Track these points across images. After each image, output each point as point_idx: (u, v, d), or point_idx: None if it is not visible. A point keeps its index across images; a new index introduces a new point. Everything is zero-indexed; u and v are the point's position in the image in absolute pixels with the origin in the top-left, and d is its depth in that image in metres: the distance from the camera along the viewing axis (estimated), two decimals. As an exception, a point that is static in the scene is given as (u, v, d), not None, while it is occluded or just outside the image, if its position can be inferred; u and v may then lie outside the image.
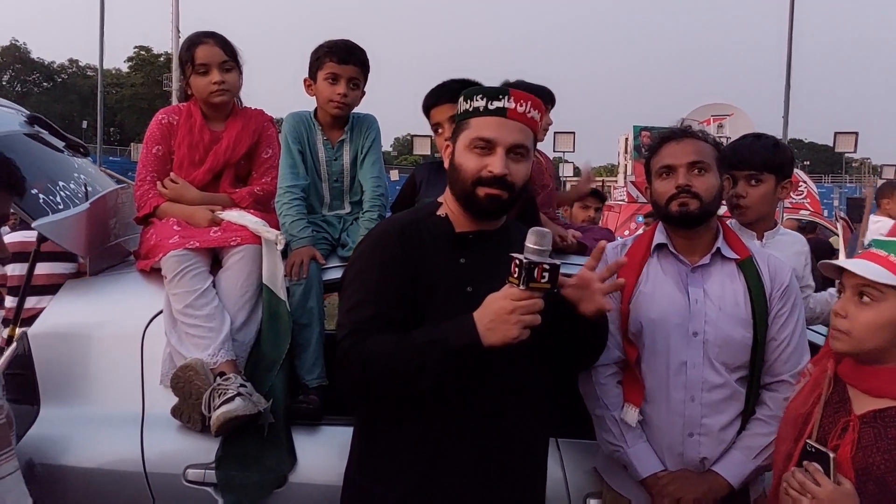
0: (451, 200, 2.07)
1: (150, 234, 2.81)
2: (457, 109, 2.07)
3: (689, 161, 2.33)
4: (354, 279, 2.00)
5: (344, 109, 2.95)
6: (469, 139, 1.99)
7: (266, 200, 2.98)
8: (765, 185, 2.80)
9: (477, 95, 2.00)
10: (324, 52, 2.92)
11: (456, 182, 2.02)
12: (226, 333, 2.57)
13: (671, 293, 2.36)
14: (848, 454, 1.85)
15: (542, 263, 1.80)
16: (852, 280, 1.90)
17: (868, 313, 1.86)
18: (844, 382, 1.96)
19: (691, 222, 2.35)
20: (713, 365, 2.30)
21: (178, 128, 2.95)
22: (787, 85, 18.98)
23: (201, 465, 2.49)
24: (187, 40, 3.00)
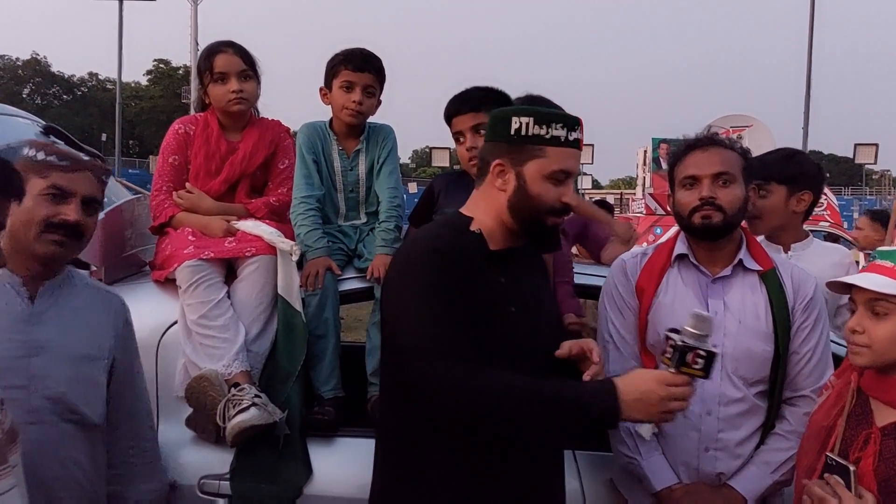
0: (491, 218, 1.99)
1: (165, 245, 2.80)
2: (517, 126, 1.93)
3: (714, 172, 2.28)
4: (417, 299, 1.85)
5: (359, 117, 2.93)
6: (550, 170, 1.93)
7: (282, 211, 2.97)
8: (773, 197, 2.77)
9: (556, 124, 1.93)
10: (339, 60, 2.91)
11: (524, 209, 1.95)
12: (240, 344, 2.56)
13: (691, 305, 2.30)
14: (870, 466, 1.82)
15: (698, 349, 1.78)
16: (863, 295, 1.88)
17: (885, 326, 1.84)
18: (867, 395, 1.94)
19: (714, 235, 2.31)
20: (731, 379, 2.26)
21: (194, 138, 2.95)
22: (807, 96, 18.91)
23: (216, 476, 2.48)
24: (206, 49, 3.01)
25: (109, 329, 2.16)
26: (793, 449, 2.19)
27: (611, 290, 2.47)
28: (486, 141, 2.04)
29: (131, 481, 2.21)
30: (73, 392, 2.01)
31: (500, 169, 1.96)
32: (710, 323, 1.81)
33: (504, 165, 1.96)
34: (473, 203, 2.04)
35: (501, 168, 1.96)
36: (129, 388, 2.21)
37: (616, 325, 2.43)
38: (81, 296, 2.12)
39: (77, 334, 2.06)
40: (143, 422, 2.27)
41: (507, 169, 1.95)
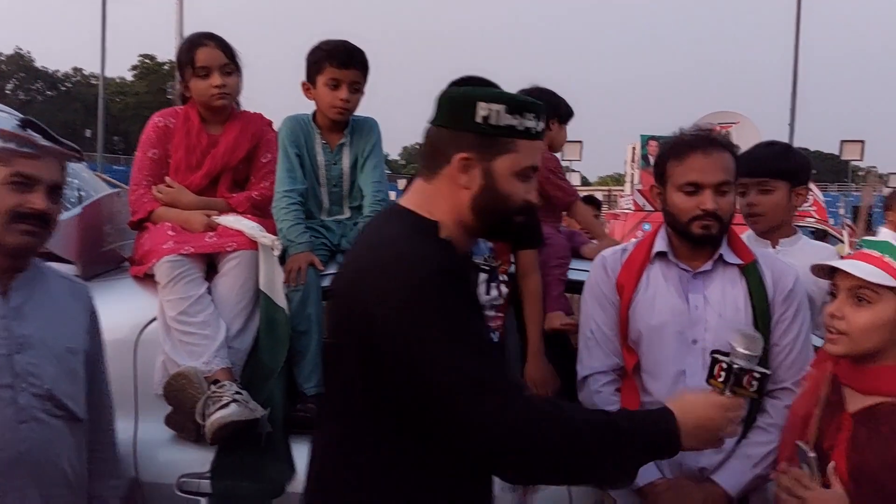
0: (451, 220, 1.72)
1: (144, 240, 2.76)
2: (485, 114, 1.66)
3: (717, 181, 2.24)
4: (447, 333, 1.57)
5: (346, 115, 2.89)
6: (522, 167, 1.70)
7: (264, 206, 2.92)
8: (777, 193, 2.75)
9: (529, 113, 1.69)
10: (323, 56, 2.84)
11: (491, 210, 1.71)
12: (221, 341, 2.52)
13: (671, 300, 2.32)
14: (843, 453, 1.86)
15: (753, 371, 1.72)
16: (847, 282, 1.90)
17: (865, 315, 1.86)
18: (840, 383, 1.97)
19: (711, 243, 2.31)
20: None
21: (174, 131, 2.90)
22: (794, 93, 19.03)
23: (196, 474, 2.45)
24: (187, 42, 2.95)
25: (82, 320, 2.12)
26: (773, 442, 2.20)
27: (592, 286, 2.47)
28: (440, 126, 1.73)
29: (97, 477, 2.17)
30: (59, 387, 1.98)
31: (465, 164, 1.68)
32: (760, 343, 1.76)
33: (470, 160, 1.67)
34: (427, 201, 1.73)
35: (467, 163, 1.68)
36: (97, 382, 2.17)
37: (597, 321, 2.43)
38: (54, 287, 2.09)
39: (58, 327, 2.03)
40: (108, 416, 2.24)
41: (474, 164, 1.68)
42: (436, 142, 1.73)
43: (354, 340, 1.63)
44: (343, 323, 1.69)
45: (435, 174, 1.72)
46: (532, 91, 3.14)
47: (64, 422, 1.99)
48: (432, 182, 1.73)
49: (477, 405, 1.54)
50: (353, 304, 1.65)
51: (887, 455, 1.81)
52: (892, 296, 1.86)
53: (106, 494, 2.19)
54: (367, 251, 1.70)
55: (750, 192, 2.73)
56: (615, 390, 2.37)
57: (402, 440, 1.64)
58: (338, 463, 1.70)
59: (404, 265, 1.60)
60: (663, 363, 2.29)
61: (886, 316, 1.85)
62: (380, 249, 1.66)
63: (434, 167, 1.73)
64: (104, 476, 2.19)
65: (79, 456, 2.05)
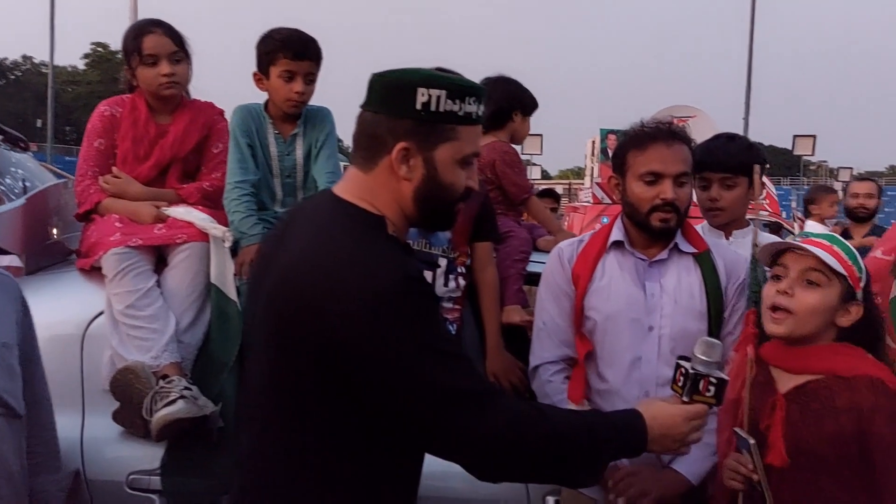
0: (392, 211, 1.66)
1: (90, 232, 2.69)
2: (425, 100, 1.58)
3: (678, 172, 2.28)
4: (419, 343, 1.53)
5: (301, 108, 2.85)
6: (463, 154, 1.64)
7: (216, 197, 2.86)
8: (739, 188, 2.77)
9: (470, 97, 1.61)
10: (276, 47, 2.76)
11: (433, 200, 1.66)
12: (170, 335, 2.47)
13: (627, 288, 2.34)
14: (780, 432, 1.94)
15: (709, 376, 1.74)
16: (800, 264, 1.99)
17: (814, 296, 1.97)
18: (767, 364, 2.07)
19: (669, 236, 2.34)
20: (669, 360, 2.26)
21: (121, 120, 2.83)
22: (748, 88, 19.32)
23: (145, 471, 2.40)
24: (133, 29, 2.86)
25: (12, 314, 2.03)
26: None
27: (547, 277, 2.50)
28: (375, 112, 1.63)
29: (39, 472, 2.11)
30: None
31: (405, 154, 1.60)
32: (719, 349, 1.78)
33: (410, 149, 1.60)
34: (368, 193, 1.65)
35: (406, 152, 1.60)
36: (32, 376, 2.10)
37: (550, 313, 2.45)
38: None
39: None
40: (46, 411, 2.17)
41: (414, 153, 1.60)
42: (372, 129, 1.63)
43: (307, 347, 1.54)
44: (288, 324, 1.57)
45: (373, 164, 1.64)
46: (496, 81, 3.12)
47: (4, 419, 1.93)
48: (371, 173, 1.65)
49: (453, 417, 1.53)
50: (303, 308, 1.53)
51: (822, 429, 1.90)
52: (838, 283, 1.97)
53: (49, 489, 2.14)
54: (314, 250, 1.59)
55: (713, 186, 2.75)
56: (564, 378, 2.40)
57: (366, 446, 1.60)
58: (290, 468, 1.62)
59: (363, 273, 1.52)
60: (619, 350, 2.31)
61: (831, 301, 1.96)
62: (330, 250, 1.57)
63: (372, 157, 1.64)
64: (45, 471, 2.14)
65: (19, 452, 1.99)
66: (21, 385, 2.01)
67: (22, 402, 2.00)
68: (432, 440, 1.59)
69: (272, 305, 1.61)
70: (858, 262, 2.00)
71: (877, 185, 6.10)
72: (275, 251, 1.68)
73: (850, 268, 1.96)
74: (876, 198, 5.92)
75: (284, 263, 1.62)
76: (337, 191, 1.69)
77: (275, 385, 1.64)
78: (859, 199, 5.87)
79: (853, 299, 1.99)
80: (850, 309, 1.99)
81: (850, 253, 1.99)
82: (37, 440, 2.11)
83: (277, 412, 1.64)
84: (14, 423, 1.97)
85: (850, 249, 2.00)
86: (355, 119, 1.69)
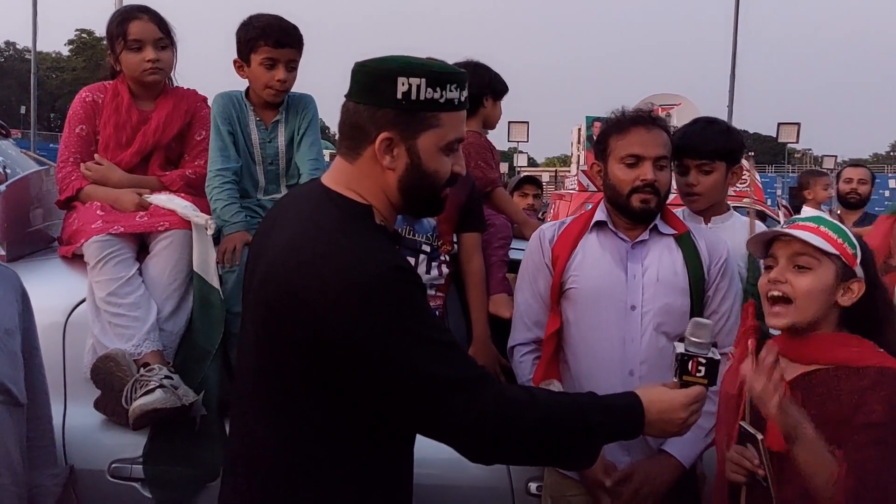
0: (379, 201, 1.67)
1: (72, 219, 2.67)
2: (405, 89, 1.58)
3: (657, 155, 2.33)
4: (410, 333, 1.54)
5: (282, 96, 2.84)
6: (447, 141, 1.64)
7: (199, 184, 2.85)
8: (717, 174, 2.76)
9: (451, 84, 1.61)
10: (257, 34, 2.75)
11: (419, 189, 1.66)
12: (152, 323, 2.46)
13: (609, 268, 2.37)
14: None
15: (698, 357, 1.75)
16: (787, 250, 1.97)
17: (807, 279, 1.94)
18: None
19: (649, 218, 2.37)
20: (655, 336, 2.32)
21: (103, 107, 2.80)
22: (732, 76, 19.36)
23: (128, 459, 2.40)
24: (119, 14, 2.84)
25: (14, 303, 2.04)
26: None
27: (527, 259, 2.55)
28: (357, 102, 1.63)
29: (37, 466, 2.11)
30: (1, 370, 1.91)
31: (387, 143, 1.60)
32: (709, 329, 1.79)
33: (393, 139, 1.60)
34: (354, 182, 1.66)
35: (389, 142, 1.61)
36: (31, 367, 2.10)
37: (525, 294, 2.51)
38: None
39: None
40: (44, 402, 2.17)
41: (397, 143, 1.61)
42: (355, 119, 1.63)
43: (296, 338, 1.55)
44: (277, 315, 1.58)
45: (358, 154, 1.65)
46: (465, 66, 3.11)
47: (6, 407, 1.92)
48: (356, 162, 1.65)
49: (445, 404, 1.54)
50: (291, 300, 1.55)
51: (822, 413, 1.86)
52: (830, 263, 1.93)
53: (46, 483, 2.14)
54: (302, 241, 1.59)
55: (691, 171, 2.76)
56: (534, 360, 2.46)
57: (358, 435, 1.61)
58: (281, 458, 1.63)
59: (351, 264, 1.52)
60: (603, 329, 2.33)
61: (826, 281, 1.93)
62: (318, 241, 1.57)
63: (356, 147, 1.65)
64: (43, 465, 2.14)
65: (20, 442, 1.99)
66: (23, 373, 2.00)
67: (24, 390, 1.99)
68: (424, 426, 1.62)
69: (261, 297, 1.62)
70: (849, 237, 1.95)
71: (870, 172, 6.00)
72: (265, 242, 1.69)
73: (840, 245, 1.93)
74: (869, 184, 5.83)
75: (273, 255, 1.62)
76: (325, 180, 1.70)
77: (265, 376, 1.64)
78: (853, 184, 5.78)
79: (853, 276, 1.95)
80: (850, 287, 1.95)
81: (838, 231, 1.95)
82: (35, 432, 2.11)
83: (268, 402, 1.65)
84: (15, 412, 1.97)
85: (838, 227, 1.96)
86: (340, 108, 1.69)
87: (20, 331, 2.03)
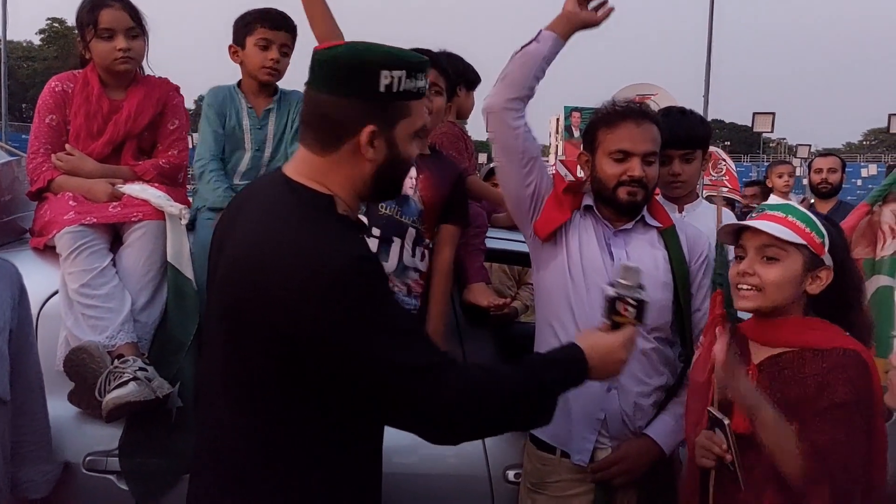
0: (347, 191, 1.66)
1: (44, 210, 2.64)
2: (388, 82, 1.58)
3: (647, 151, 2.33)
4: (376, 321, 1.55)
5: (275, 76, 2.91)
6: (416, 128, 1.67)
7: (172, 174, 2.83)
8: (696, 161, 2.86)
9: (421, 73, 1.63)
10: (254, 18, 2.88)
11: (391, 176, 1.69)
12: (126, 314, 2.44)
13: (594, 252, 2.38)
14: None
15: (627, 298, 1.86)
16: (755, 241, 2.00)
17: (775, 270, 1.97)
18: (745, 337, 2.09)
19: (636, 211, 2.38)
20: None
21: (73, 96, 2.76)
22: (708, 65, 19.47)
23: (102, 452, 2.38)
24: (90, 2, 2.77)
25: (8, 299, 2.01)
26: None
27: None
28: (332, 94, 1.61)
29: (25, 462, 2.10)
30: None
31: (372, 136, 1.61)
32: (637, 272, 1.90)
33: (376, 131, 1.60)
34: (320, 174, 1.65)
35: (373, 135, 1.61)
36: (23, 363, 2.07)
37: None
38: None
39: None
40: (38, 398, 2.14)
41: (378, 134, 1.61)
42: (333, 112, 1.61)
43: (260, 329, 1.55)
44: (241, 308, 1.58)
45: (334, 148, 1.63)
46: (439, 56, 3.12)
47: None
48: (329, 155, 1.63)
49: (410, 392, 1.56)
50: (253, 292, 1.55)
51: (789, 394, 1.92)
52: (798, 253, 1.96)
53: (35, 479, 2.13)
54: (264, 232, 1.59)
55: (674, 161, 2.81)
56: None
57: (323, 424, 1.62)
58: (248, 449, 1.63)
59: (313, 255, 1.53)
60: (587, 309, 2.33)
61: (794, 271, 1.97)
62: (280, 233, 1.57)
63: (333, 140, 1.62)
64: (34, 461, 2.12)
65: (3, 441, 1.97)
66: (8, 370, 1.97)
67: (7, 387, 1.96)
68: (389, 413, 1.63)
69: (224, 288, 1.62)
70: (817, 227, 1.98)
71: (840, 160, 6.03)
72: (227, 234, 1.69)
73: (808, 235, 1.96)
74: (839, 172, 5.85)
75: (235, 246, 1.63)
76: (287, 171, 1.69)
77: (229, 367, 1.64)
78: (822, 174, 5.81)
79: (821, 265, 1.98)
80: (819, 275, 1.99)
81: (806, 220, 1.98)
82: (27, 429, 2.10)
83: (233, 394, 1.64)
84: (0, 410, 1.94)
85: (806, 216, 1.99)
86: (303, 98, 1.68)
87: (13, 326, 2.00)
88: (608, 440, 2.33)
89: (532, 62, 2.32)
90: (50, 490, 2.17)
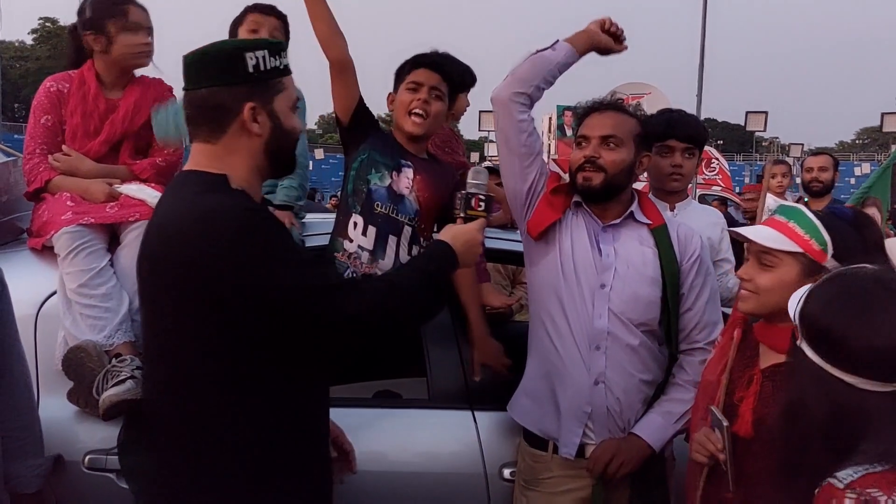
0: (247, 170, 1.85)
1: (42, 211, 2.65)
2: (254, 62, 1.80)
3: (602, 134, 2.38)
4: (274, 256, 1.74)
5: None
6: (292, 100, 1.90)
7: (169, 172, 2.84)
8: (695, 158, 2.98)
9: (282, 52, 1.87)
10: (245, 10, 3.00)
11: (282, 148, 1.89)
12: (124, 314, 2.45)
13: (584, 246, 2.41)
14: (750, 405, 1.98)
15: (479, 195, 2.15)
16: (753, 246, 2.01)
17: (768, 277, 1.99)
18: (757, 341, 2.08)
19: (594, 197, 2.41)
20: (619, 319, 2.36)
21: (69, 96, 2.77)
22: (701, 65, 19.47)
23: (102, 450, 2.39)
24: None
25: None
26: (692, 400, 2.29)
27: None
28: (211, 87, 1.80)
29: (17, 458, 2.11)
30: None
31: (253, 112, 1.81)
32: (485, 174, 2.22)
33: (256, 107, 1.81)
34: (214, 160, 1.83)
35: (254, 110, 1.81)
36: (6, 360, 2.08)
37: None
38: None
39: None
40: (23, 393, 2.16)
41: (259, 110, 1.82)
42: (214, 102, 1.81)
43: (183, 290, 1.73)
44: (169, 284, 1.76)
45: (222, 132, 1.82)
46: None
47: None
48: (219, 142, 1.83)
49: (325, 307, 1.76)
50: (178, 264, 1.73)
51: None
52: (794, 260, 1.95)
53: (25, 474, 2.13)
54: (171, 212, 1.79)
55: (676, 153, 2.92)
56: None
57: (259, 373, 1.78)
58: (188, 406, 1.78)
59: (217, 215, 1.72)
60: (578, 304, 2.37)
61: (789, 278, 1.94)
62: (185, 210, 1.76)
63: (219, 127, 1.82)
64: (23, 456, 2.13)
65: None
66: None
67: None
68: (313, 334, 1.80)
69: (145, 263, 1.84)
70: (819, 233, 1.94)
71: (832, 158, 5.98)
72: (149, 228, 1.90)
73: (806, 242, 1.93)
74: (831, 171, 5.79)
75: (151, 230, 1.87)
76: (188, 166, 1.89)
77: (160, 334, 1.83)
78: (814, 172, 5.77)
79: (823, 271, 1.90)
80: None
81: (808, 226, 1.95)
82: (12, 423, 2.10)
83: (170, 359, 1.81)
84: None
85: (808, 222, 1.96)
86: (183, 102, 1.86)
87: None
88: (595, 434, 2.36)
89: (543, 65, 2.42)
90: (41, 485, 2.18)
